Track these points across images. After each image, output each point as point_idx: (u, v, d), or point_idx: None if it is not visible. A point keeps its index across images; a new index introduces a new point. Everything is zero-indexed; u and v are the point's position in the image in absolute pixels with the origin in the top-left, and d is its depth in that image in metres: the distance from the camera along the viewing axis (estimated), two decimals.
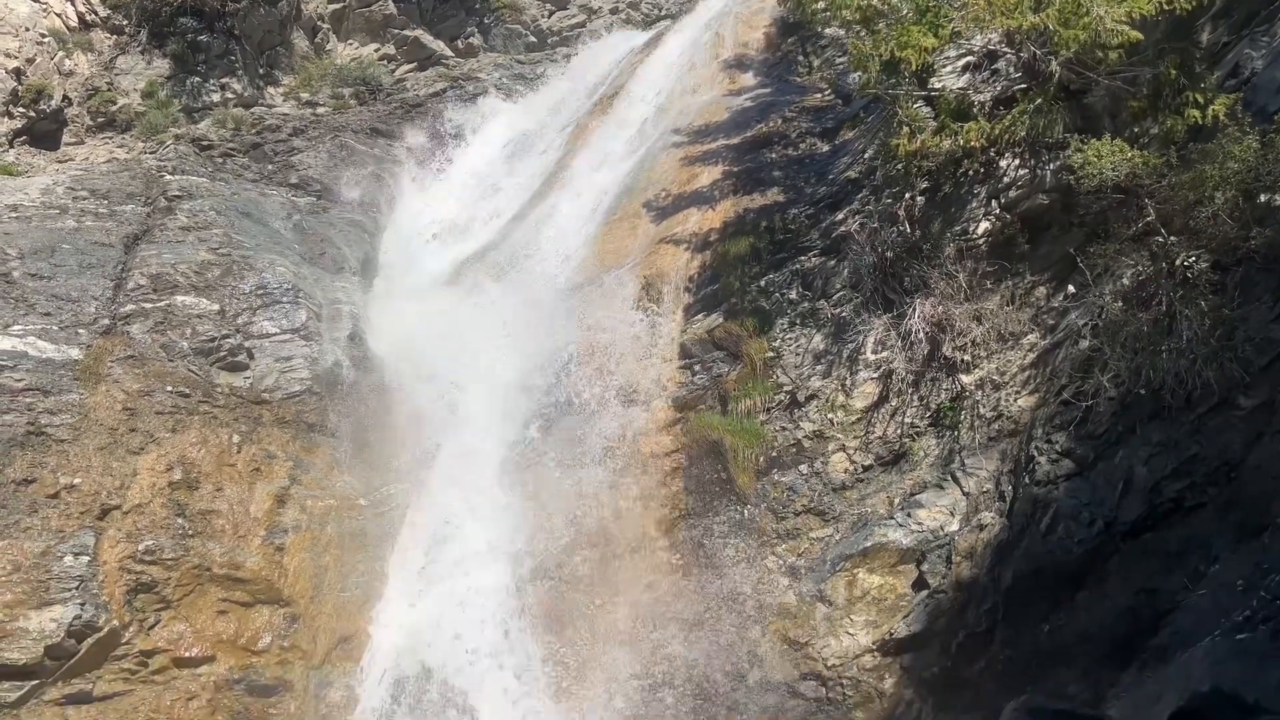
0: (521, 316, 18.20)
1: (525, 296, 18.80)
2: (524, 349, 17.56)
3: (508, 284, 19.52)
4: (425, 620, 14.88)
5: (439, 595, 15.07)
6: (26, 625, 12.73)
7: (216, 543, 14.42)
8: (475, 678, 14.36)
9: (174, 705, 13.71)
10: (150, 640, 13.78)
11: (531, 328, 17.88)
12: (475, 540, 15.34)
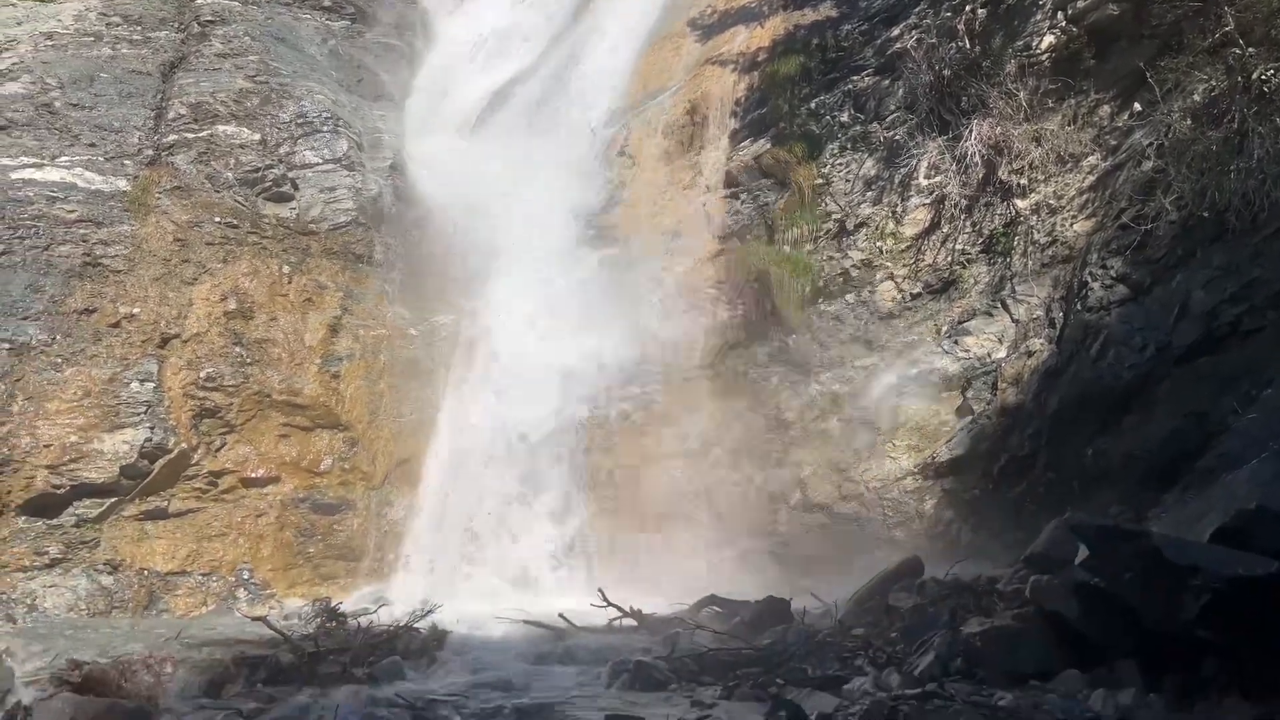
0: (563, 146, 17.86)
1: (565, 124, 18.38)
2: (567, 180, 17.30)
3: (547, 110, 19.04)
4: (478, 444, 15.39)
5: (491, 421, 15.50)
6: (101, 447, 13.39)
7: (274, 370, 14.86)
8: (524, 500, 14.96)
9: (244, 521, 14.52)
10: (218, 462, 14.47)
11: (572, 159, 17.57)
12: (524, 368, 15.60)
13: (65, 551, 13.14)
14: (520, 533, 14.77)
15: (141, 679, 9.07)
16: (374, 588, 14.32)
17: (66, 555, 13.15)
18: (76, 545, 13.27)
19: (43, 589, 12.71)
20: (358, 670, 9.24)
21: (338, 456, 15.25)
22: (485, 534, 14.70)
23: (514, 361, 15.71)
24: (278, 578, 14.39)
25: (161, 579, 13.71)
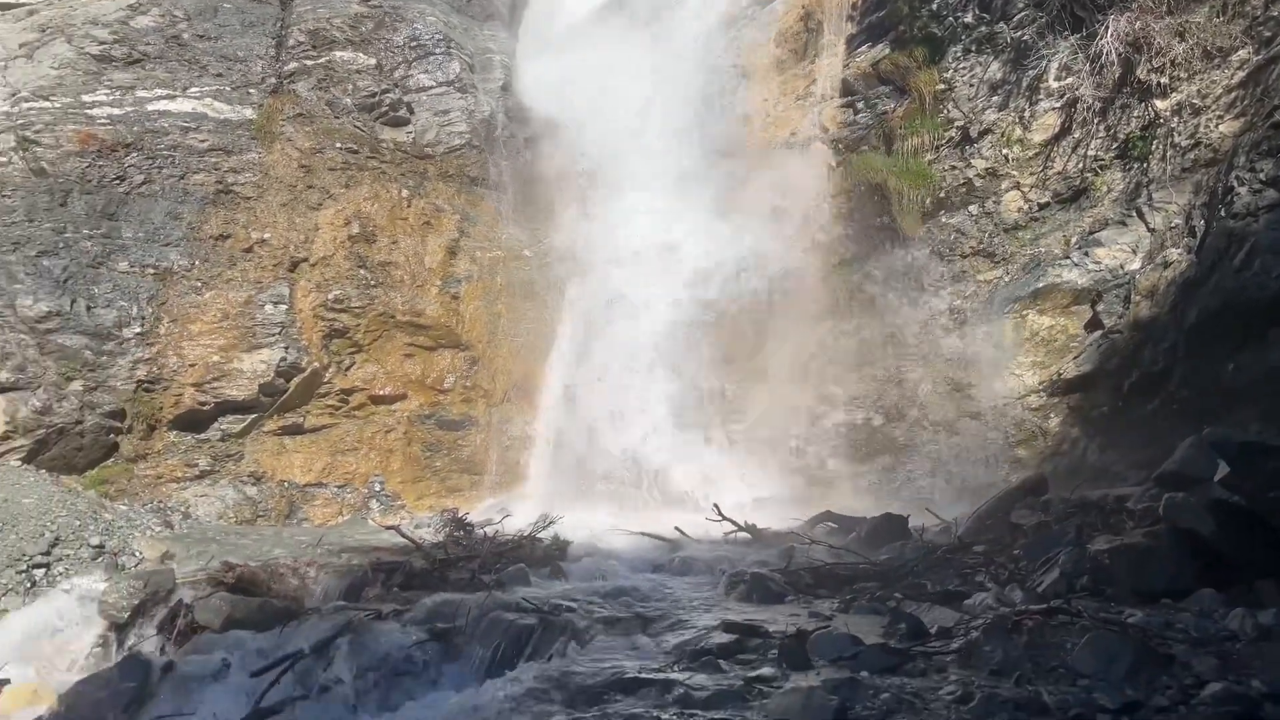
0: (672, 56, 17.53)
1: (678, 35, 18.00)
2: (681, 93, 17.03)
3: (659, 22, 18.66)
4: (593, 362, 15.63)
5: (605, 339, 15.69)
6: (241, 366, 14.16)
7: (397, 292, 15.35)
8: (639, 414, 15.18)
9: (374, 436, 15.23)
10: (348, 380, 15.14)
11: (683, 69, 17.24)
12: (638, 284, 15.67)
13: (213, 464, 14.06)
14: (636, 447, 15.03)
15: (288, 581, 9.73)
16: (497, 500, 14.87)
17: (214, 467, 14.07)
18: (223, 458, 14.18)
19: (195, 498, 13.65)
20: (486, 576, 9.65)
21: (459, 375, 15.75)
22: (602, 448, 15.01)
23: (627, 278, 15.80)
24: (407, 490, 15.10)
25: (300, 490, 14.55)
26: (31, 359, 12.62)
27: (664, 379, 15.15)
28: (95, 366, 13.12)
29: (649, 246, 15.81)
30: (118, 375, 13.27)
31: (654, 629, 7.42)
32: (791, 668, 5.77)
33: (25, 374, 12.50)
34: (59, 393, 12.76)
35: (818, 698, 4.83)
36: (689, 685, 5.60)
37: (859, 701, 4.94)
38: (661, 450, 14.66)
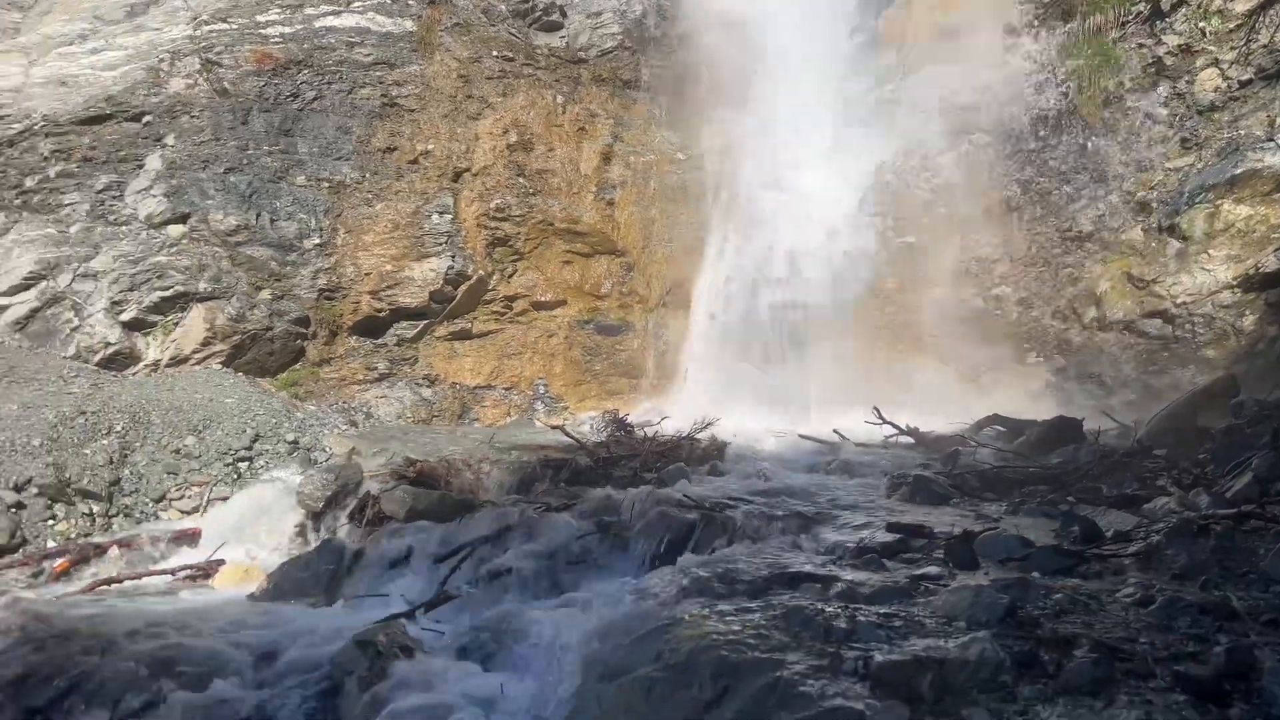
0: None
1: None
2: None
3: None
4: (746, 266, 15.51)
5: (758, 244, 15.51)
6: (412, 274, 14.81)
7: (554, 200, 15.58)
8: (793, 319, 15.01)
9: (537, 341, 15.72)
10: (510, 287, 15.61)
11: None
12: (792, 187, 15.34)
13: (390, 367, 14.89)
14: (791, 351, 14.93)
15: (464, 476, 10.30)
16: (654, 403, 15.15)
17: (391, 371, 14.90)
18: (399, 362, 14.99)
19: (375, 399, 14.54)
20: (647, 474, 9.93)
21: (616, 281, 15.97)
22: (757, 352, 14.99)
23: (782, 181, 15.47)
24: (569, 392, 15.58)
25: (470, 392, 15.25)
26: (225, 270, 13.59)
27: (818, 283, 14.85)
28: (281, 276, 14.01)
29: (808, 145, 15.36)
30: (301, 284, 14.14)
31: (814, 528, 7.47)
32: (958, 567, 5.72)
33: (220, 284, 13.49)
34: (250, 301, 13.72)
35: (987, 596, 4.78)
36: (852, 581, 5.64)
37: (1030, 601, 4.86)
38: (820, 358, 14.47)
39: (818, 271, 14.89)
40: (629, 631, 5.43)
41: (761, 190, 15.72)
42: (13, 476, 9.48)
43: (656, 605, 5.82)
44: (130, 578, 8.82)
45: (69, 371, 12.16)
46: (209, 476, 10.37)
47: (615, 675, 4.95)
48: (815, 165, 15.21)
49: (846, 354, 14.28)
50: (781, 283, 15.11)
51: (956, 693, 4.06)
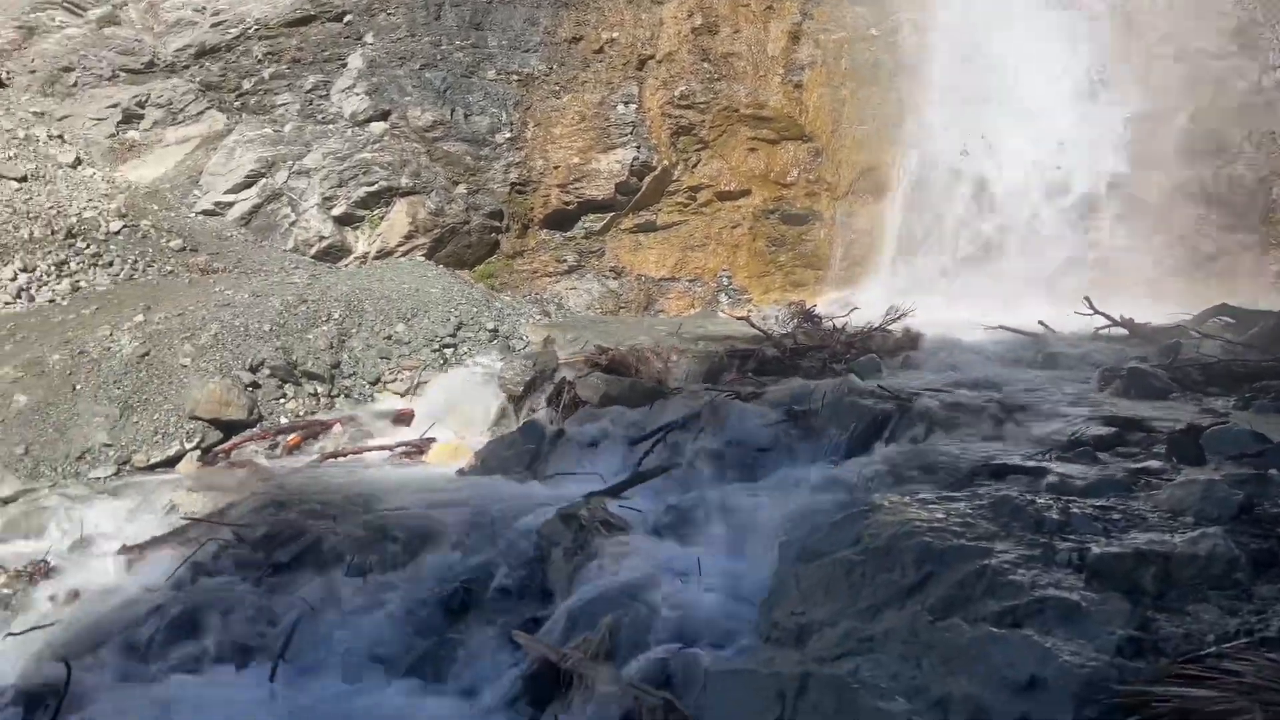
0: None
1: None
2: None
3: None
4: (945, 150, 14.69)
5: (959, 125, 14.61)
6: (598, 167, 14.93)
7: (740, 84, 15.19)
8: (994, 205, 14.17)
9: (721, 232, 15.60)
10: (694, 177, 15.48)
11: None
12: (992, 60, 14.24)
13: (579, 260, 15.21)
14: (992, 240, 14.17)
15: (653, 364, 10.49)
16: (841, 293, 14.81)
17: (580, 263, 15.22)
18: (587, 254, 15.28)
19: (565, 290, 14.94)
20: (836, 365, 9.79)
21: (802, 168, 15.53)
22: (955, 240, 14.30)
23: (983, 55, 14.40)
24: (753, 284, 15.47)
25: (655, 284, 15.41)
26: (424, 165, 14.13)
27: (1025, 166, 13.85)
28: (475, 171, 14.45)
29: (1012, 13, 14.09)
30: (494, 178, 14.54)
31: (1019, 420, 7.17)
32: (1182, 462, 5.36)
33: (420, 179, 14.06)
34: (448, 196, 14.25)
35: (1219, 490, 4.46)
36: (1063, 474, 5.39)
37: (1268, 499, 4.51)
38: (1026, 241, 13.63)
39: (1024, 153, 13.90)
40: (825, 516, 5.44)
41: (962, 66, 14.71)
42: (248, 358, 10.40)
43: (852, 492, 5.79)
44: (353, 452, 9.59)
45: (289, 263, 13.10)
46: (418, 361, 11.02)
47: (813, 557, 4.99)
48: (1022, 35, 14.00)
49: (1054, 240, 13.40)
50: (983, 165, 14.22)
51: (1182, 588, 3.86)
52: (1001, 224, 13.98)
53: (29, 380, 9.76)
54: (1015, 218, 13.94)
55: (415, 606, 5.93)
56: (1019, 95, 13.99)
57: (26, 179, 12.39)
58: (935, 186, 14.56)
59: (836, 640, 4.12)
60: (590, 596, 5.58)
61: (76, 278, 11.63)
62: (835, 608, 4.41)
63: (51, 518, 8.03)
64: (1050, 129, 13.75)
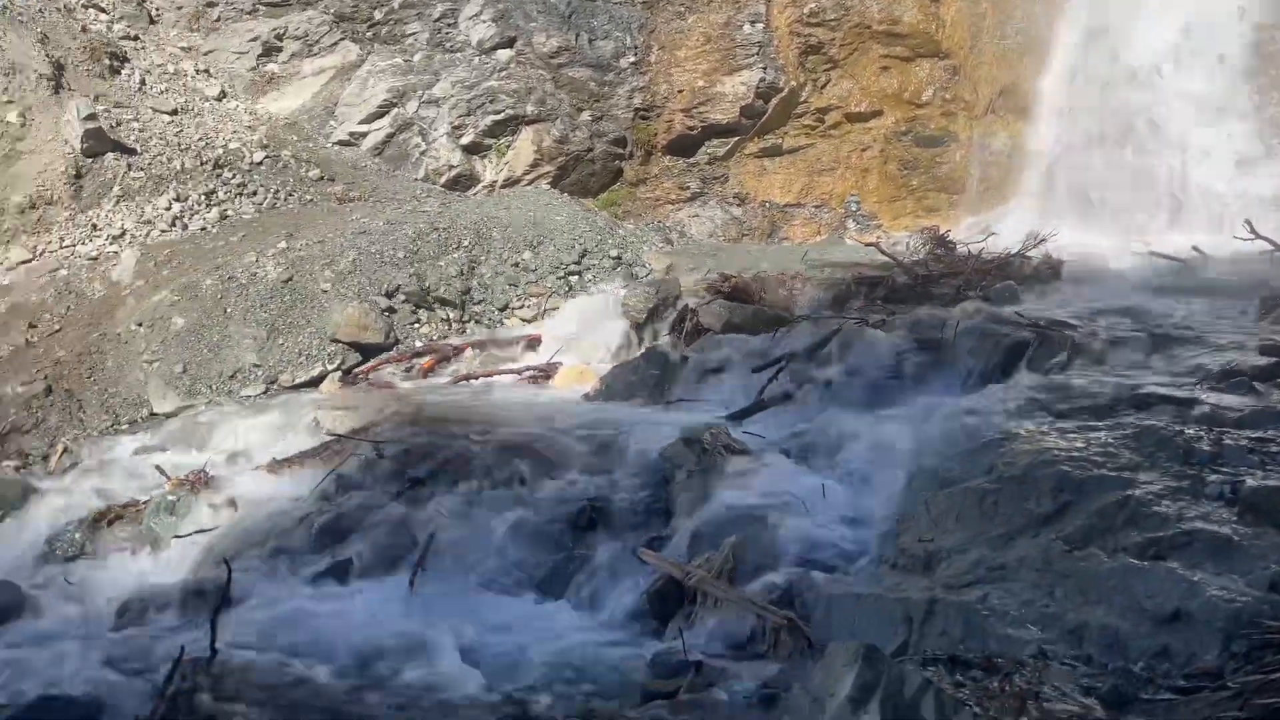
0: None
1: None
2: None
3: None
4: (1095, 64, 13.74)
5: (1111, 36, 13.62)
6: (723, 90, 14.63)
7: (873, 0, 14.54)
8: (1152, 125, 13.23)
9: (850, 156, 15.13)
10: (823, 99, 15.00)
11: None
12: None
13: (702, 186, 15.04)
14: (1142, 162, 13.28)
15: (777, 292, 10.37)
16: (977, 219, 14.21)
17: (703, 190, 15.06)
18: (710, 181, 15.09)
19: (688, 218, 14.84)
20: (970, 293, 9.45)
21: (938, 87, 14.85)
22: (1104, 162, 13.46)
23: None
24: (883, 209, 15.00)
25: (780, 210, 15.13)
26: (549, 92, 14.16)
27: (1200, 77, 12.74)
28: (599, 97, 14.39)
29: None
30: (618, 104, 14.45)
31: (1167, 349, 6.82)
32: None
33: (545, 106, 14.11)
34: (572, 123, 14.26)
35: None
36: (1216, 405, 5.11)
37: None
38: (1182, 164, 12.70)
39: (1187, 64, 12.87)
40: (957, 444, 5.33)
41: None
42: (384, 284, 10.77)
43: (987, 420, 5.63)
44: (483, 375, 9.88)
45: (421, 191, 13.41)
46: (544, 288, 11.19)
47: (944, 484, 4.90)
48: None
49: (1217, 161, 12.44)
50: (1141, 81, 13.24)
51: None
52: (1152, 145, 13.06)
53: (185, 304, 10.38)
54: (1168, 138, 12.98)
55: (543, 523, 6.13)
56: (1174, 6, 12.90)
57: (177, 112, 13.01)
58: (1082, 105, 13.69)
59: (966, 568, 4.06)
60: (712, 517, 5.66)
61: (224, 207, 12.21)
62: (966, 535, 4.33)
63: (209, 432, 8.59)
64: (1208, 44, 12.65)
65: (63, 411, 9.32)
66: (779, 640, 4.49)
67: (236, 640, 5.08)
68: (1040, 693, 2.76)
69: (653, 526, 6.10)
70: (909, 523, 4.77)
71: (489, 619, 5.45)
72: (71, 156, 11.48)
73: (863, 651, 2.88)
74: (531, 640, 5.13)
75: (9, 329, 10.07)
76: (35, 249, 11.01)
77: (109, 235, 11.31)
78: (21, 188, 11.23)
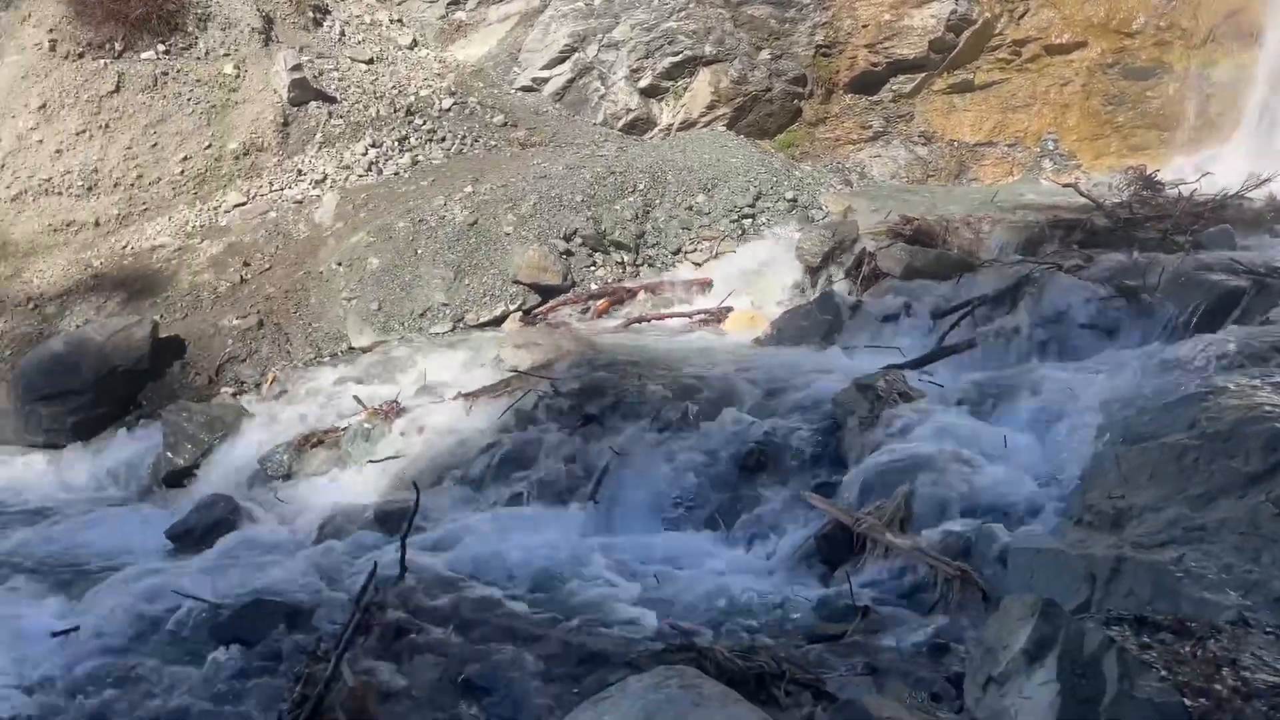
0: None
1: None
2: None
3: None
4: None
5: None
6: (911, 23, 13.94)
7: None
8: None
9: (1048, 91, 14.15)
10: (1020, 30, 14.04)
11: None
12: None
13: (885, 125, 14.47)
14: None
15: (963, 235, 9.91)
16: (1190, 158, 13.03)
17: (886, 129, 14.49)
18: (894, 119, 14.49)
19: (869, 159, 14.34)
20: (1179, 237, 8.74)
21: (1150, 13, 13.62)
22: None
23: None
24: (1083, 148, 14.01)
25: (969, 149, 14.38)
26: (728, 32, 13.93)
27: None
28: (779, 35, 14.03)
29: None
30: (798, 41, 14.05)
31: None
32: None
33: (724, 46, 13.89)
34: (750, 63, 13.99)
35: None
36: None
37: None
38: None
39: None
40: (1156, 397, 4.98)
41: None
42: (563, 227, 11.02)
43: (1190, 374, 5.23)
44: (655, 318, 9.99)
45: (599, 136, 13.56)
46: (717, 232, 11.13)
47: (1137, 439, 4.61)
48: None
49: None
50: None
51: None
52: None
53: (380, 245, 10.97)
54: None
55: (712, 462, 6.20)
56: None
57: (373, 61, 13.63)
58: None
59: (1160, 527, 3.81)
60: (885, 465, 5.55)
61: (415, 152, 12.76)
62: (1160, 493, 4.06)
63: (400, 365, 9.12)
64: None
65: (272, 343, 10.10)
66: (950, 592, 4.39)
67: (423, 559, 5.44)
68: (1237, 660, 2.57)
69: (821, 472, 6.06)
70: (1097, 478, 4.51)
71: (657, 552, 5.59)
72: (279, 105, 12.26)
73: (1040, 606, 2.77)
74: (697, 575, 5.23)
75: (226, 267, 10.95)
76: (248, 193, 11.88)
77: (312, 180, 12.05)
78: (237, 135, 12.11)
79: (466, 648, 4.41)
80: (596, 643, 4.41)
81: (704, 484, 6.08)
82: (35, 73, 11.56)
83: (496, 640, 4.48)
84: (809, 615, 4.57)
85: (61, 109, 11.46)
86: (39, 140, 11.36)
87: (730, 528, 5.74)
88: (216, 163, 11.89)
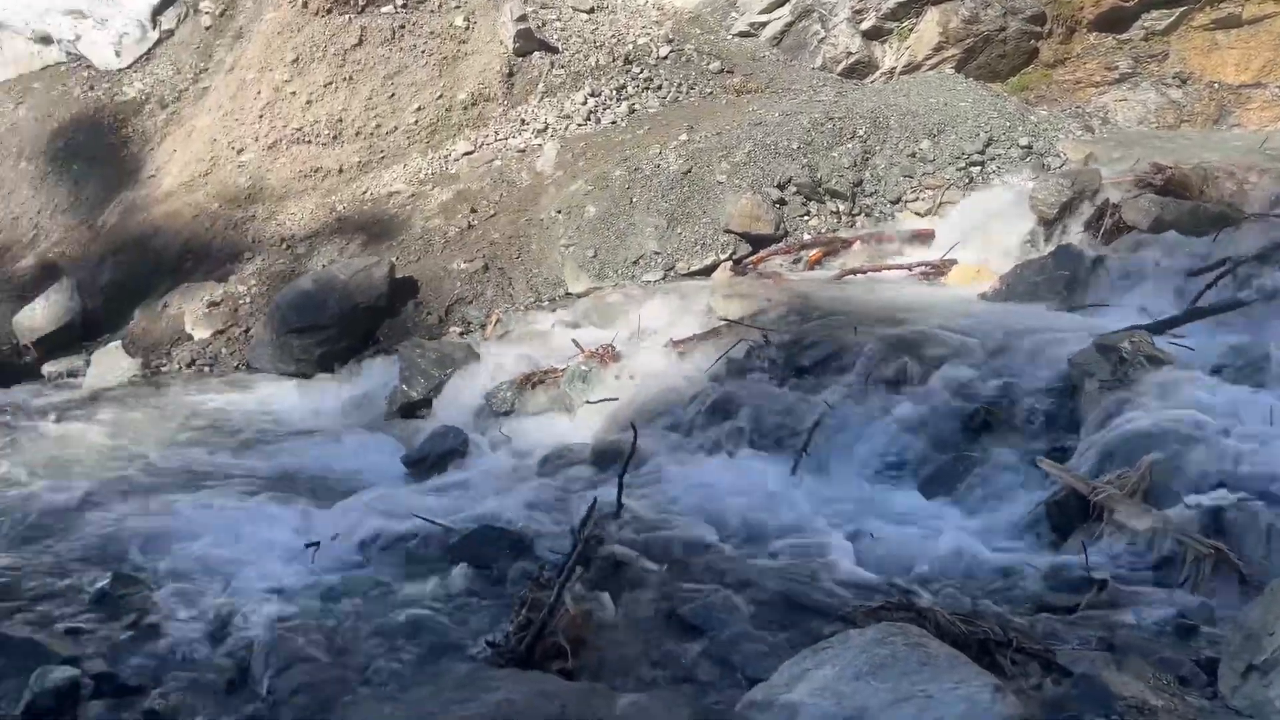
0: None
1: None
2: None
3: None
4: None
5: None
6: None
7: None
8: None
9: None
10: None
11: None
12: None
13: (1134, 66, 13.26)
14: None
15: (1223, 186, 9.00)
16: None
17: (1135, 70, 13.27)
18: (1144, 59, 13.25)
19: (1113, 102, 13.20)
20: None
21: None
22: None
23: None
24: None
25: (1232, 91, 12.98)
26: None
27: None
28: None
29: None
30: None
31: None
32: None
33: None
34: (984, 1, 13.14)
35: None
36: None
37: None
38: None
39: None
40: None
41: None
42: (776, 175, 10.83)
43: None
44: (871, 270, 9.69)
45: (817, 81, 13.18)
46: (942, 180, 10.60)
47: None
48: None
49: None
50: None
51: None
52: None
53: (597, 193, 11.18)
54: None
55: (933, 420, 5.98)
56: None
57: (593, 10, 13.78)
58: None
59: None
60: (1126, 432, 5.17)
61: (632, 101, 12.86)
62: None
63: (614, 311, 9.30)
64: None
65: (496, 286, 10.56)
66: (1201, 571, 4.05)
67: (636, 499, 5.57)
68: None
69: (1054, 436, 5.72)
70: None
71: (871, 508, 5.47)
72: (505, 56, 12.66)
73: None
74: (914, 534, 5.08)
75: (455, 213, 11.51)
76: (476, 142, 12.39)
77: (534, 129, 12.42)
78: (465, 86, 12.62)
79: (678, 586, 4.48)
80: (809, 594, 4.38)
81: (923, 442, 5.88)
82: (290, 28, 12.46)
83: (707, 581, 4.53)
84: (1037, 584, 4.34)
85: (312, 62, 12.31)
86: (292, 92, 12.27)
87: (951, 489, 5.53)
88: (447, 113, 12.44)
